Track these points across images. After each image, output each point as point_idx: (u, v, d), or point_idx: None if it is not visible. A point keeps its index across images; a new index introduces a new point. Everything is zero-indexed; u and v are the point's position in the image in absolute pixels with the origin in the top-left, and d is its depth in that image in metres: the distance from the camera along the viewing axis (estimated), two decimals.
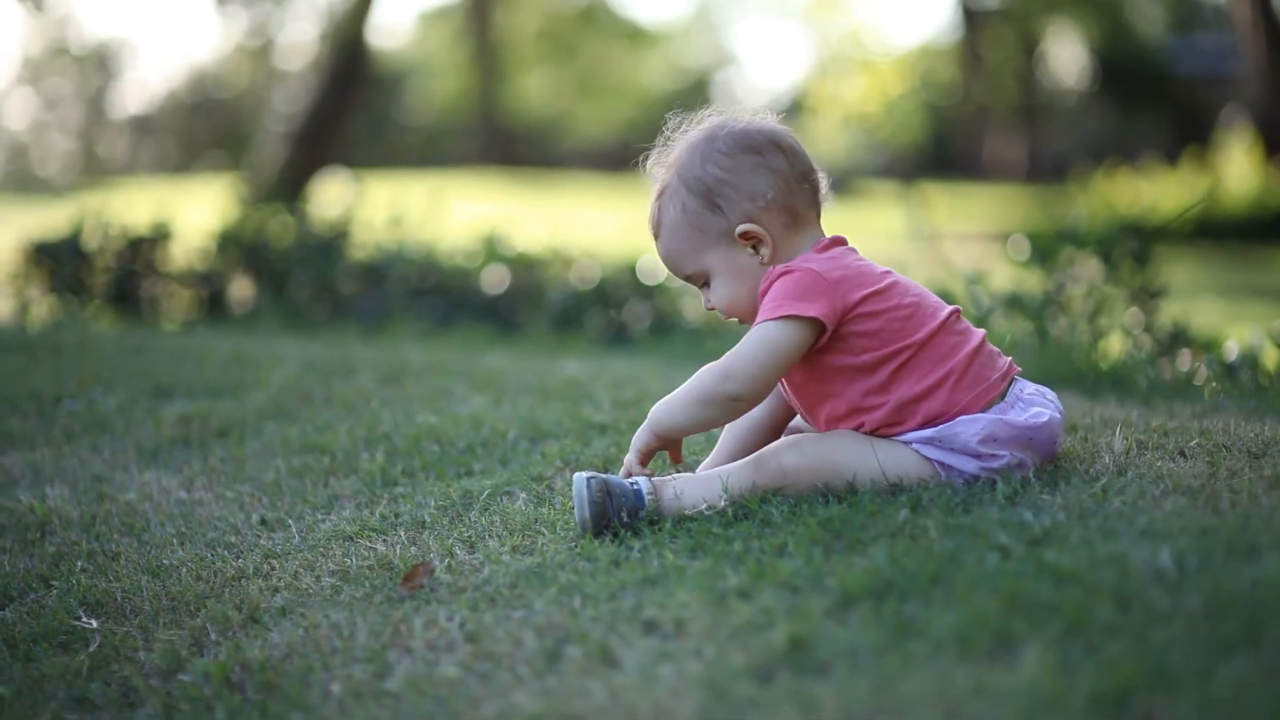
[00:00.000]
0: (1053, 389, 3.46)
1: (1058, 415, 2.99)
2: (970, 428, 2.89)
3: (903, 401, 2.91)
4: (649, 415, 3.02)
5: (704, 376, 2.94)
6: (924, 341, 2.92)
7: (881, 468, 2.90)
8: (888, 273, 3.02)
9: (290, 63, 39.08)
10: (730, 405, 2.93)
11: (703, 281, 3.10)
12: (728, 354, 2.92)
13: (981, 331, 3.05)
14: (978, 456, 2.89)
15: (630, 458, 3.05)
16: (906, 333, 2.92)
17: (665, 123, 3.17)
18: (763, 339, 2.89)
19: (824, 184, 3.12)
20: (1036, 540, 2.52)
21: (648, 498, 2.89)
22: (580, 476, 2.91)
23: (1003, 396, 2.95)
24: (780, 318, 2.88)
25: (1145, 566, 2.31)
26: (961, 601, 2.27)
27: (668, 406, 2.98)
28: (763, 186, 3.01)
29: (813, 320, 2.87)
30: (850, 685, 2.07)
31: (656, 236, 3.14)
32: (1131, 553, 2.37)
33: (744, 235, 3.01)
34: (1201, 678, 1.95)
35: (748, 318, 3.03)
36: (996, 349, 3.05)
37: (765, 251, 3.01)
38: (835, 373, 2.95)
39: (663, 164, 3.13)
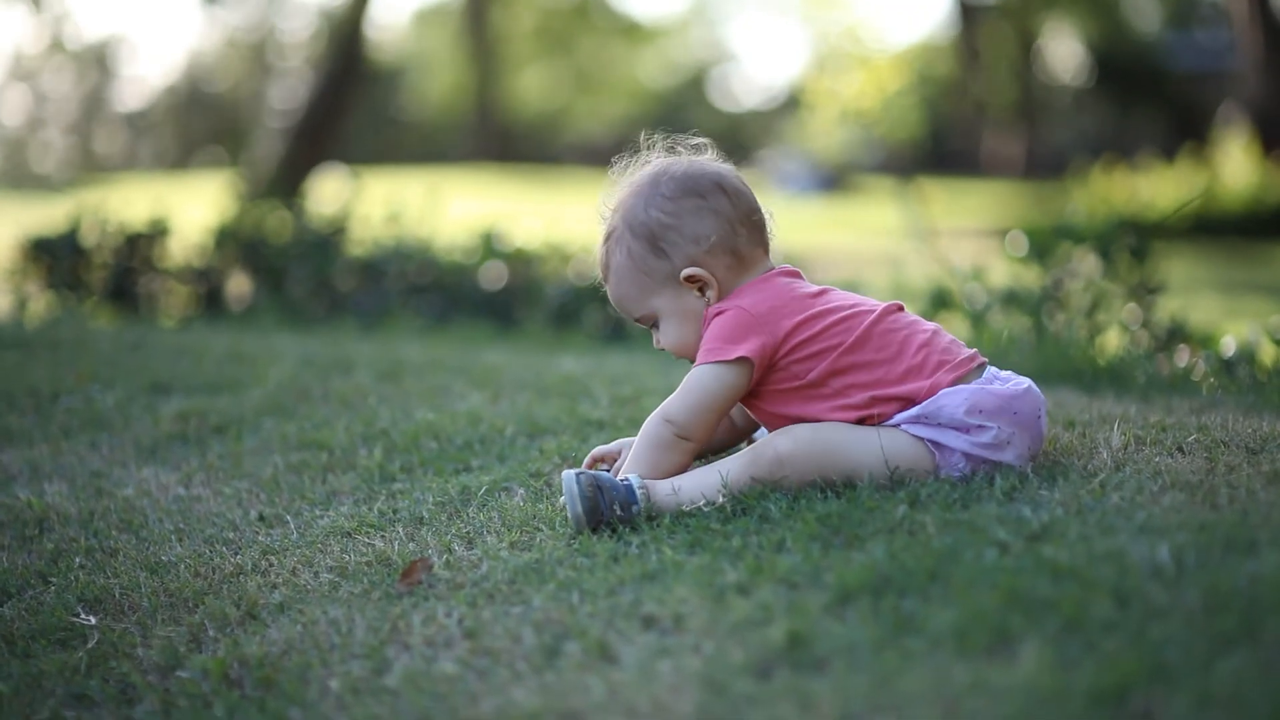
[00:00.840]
0: (1050, 385, 3.48)
1: (1036, 389, 3.01)
2: (954, 399, 2.90)
3: (874, 395, 2.94)
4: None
5: (649, 424, 3.01)
6: (861, 337, 2.96)
7: (881, 446, 2.90)
8: (823, 292, 3.07)
9: (288, 59, 39.08)
10: (680, 445, 3.00)
11: (652, 323, 3.15)
12: (668, 399, 3.01)
13: (935, 325, 3.08)
14: (966, 430, 2.90)
15: None
16: (844, 337, 2.96)
17: (611, 165, 3.22)
18: (697, 383, 2.98)
19: (770, 220, 3.17)
20: (1035, 536, 2.52)
21: (639, 492, 2.90)
22: (569, 473, 2.92)
23: (979, 374, 2.98)
24: (711, 362, 2.96)
25: (1143, 562, 2.31)
26: (960, 597, 2.27)
27: (632, 461, 3.03)
28: (706, 229, 3.05)
29: (743, 360, 2.94)
30: (848, 681, 2.08)
31: (605, 280, 3.18)
32: (1129, 548, 2.38)
33: (689, 279, 3.06)
34: (1200, 673, 1.96)
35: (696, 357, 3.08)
36: (957, 340, 3.08)
37: (711, 294, 3.07)
38: (788, 395, 3.00)
39: (609, 207, 3.17)
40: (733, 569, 2.55)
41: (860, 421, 2.95)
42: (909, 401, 2.93)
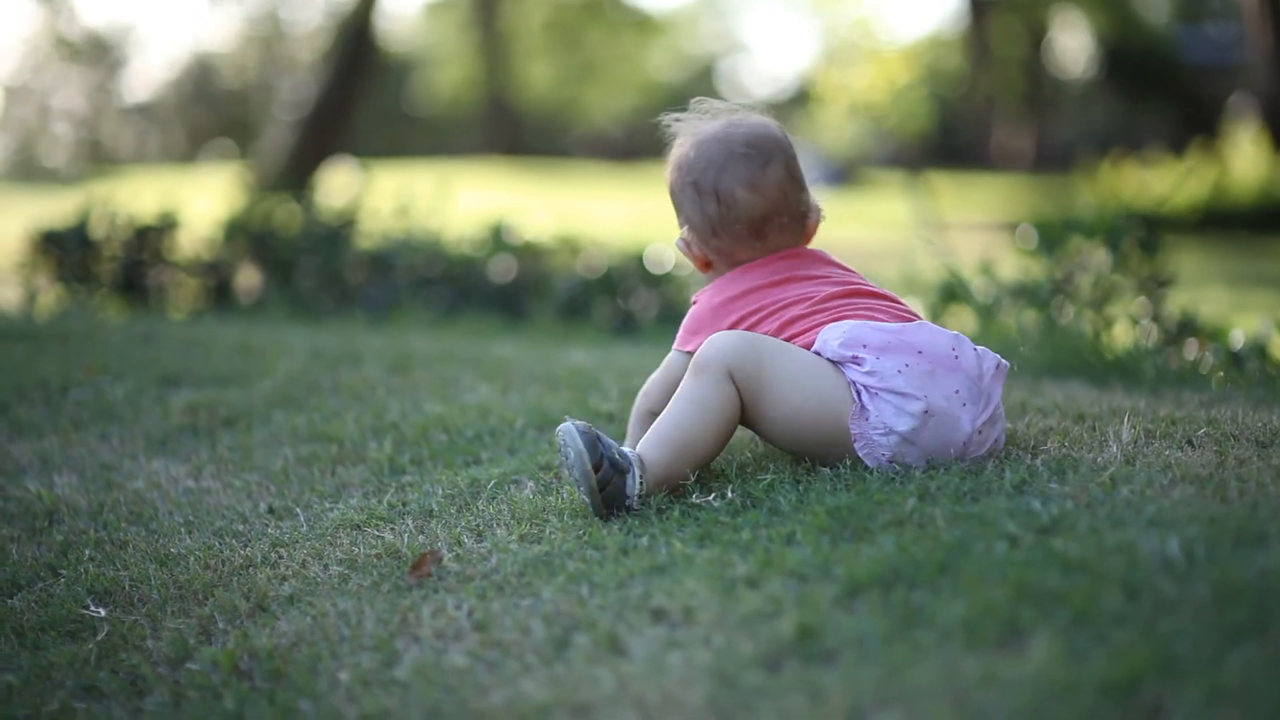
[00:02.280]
0: (1060, 378, 3.46)
1: (946, 330, 3.01)
2: (833, 333, 2.99)
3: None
4: None
5: (637, 399, 3.32)
6: (778, 330, 3.09)
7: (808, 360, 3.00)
8: (783, 281, 3.16)
9: (298, 51, 39.08)
10: (651, 417, 3.18)
11: None
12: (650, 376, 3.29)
13: (880, 303, 3.12)
14: (850, 363, 2.94)
15: None
16: (767, 329, 3.10)
17: (697, 101, 3.37)
18: (666, 365, 3.25)
19: (782, 228, 3.23)
20: (1045, 529, 2.52)
21: (633, 456, 2.92)
22: (566, 424, 2.92)
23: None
24: (677, 349, 3.22)
25: (1153, 555, 2.31)
26: (969, 590, 2.27)
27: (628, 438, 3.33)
28: (691, 216, 3.25)
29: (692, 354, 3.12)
30: (858, 674, 2.08)
31: None
32: (1140, 541, 2.37)
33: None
34: (1210, 666, 1.95)
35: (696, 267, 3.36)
36: (898, 304, 3.15)
37: (689, 249, 3.30)
38: None
39: (679, 122, 3.33)
40: (742, 562, 2.55)
41: None
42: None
